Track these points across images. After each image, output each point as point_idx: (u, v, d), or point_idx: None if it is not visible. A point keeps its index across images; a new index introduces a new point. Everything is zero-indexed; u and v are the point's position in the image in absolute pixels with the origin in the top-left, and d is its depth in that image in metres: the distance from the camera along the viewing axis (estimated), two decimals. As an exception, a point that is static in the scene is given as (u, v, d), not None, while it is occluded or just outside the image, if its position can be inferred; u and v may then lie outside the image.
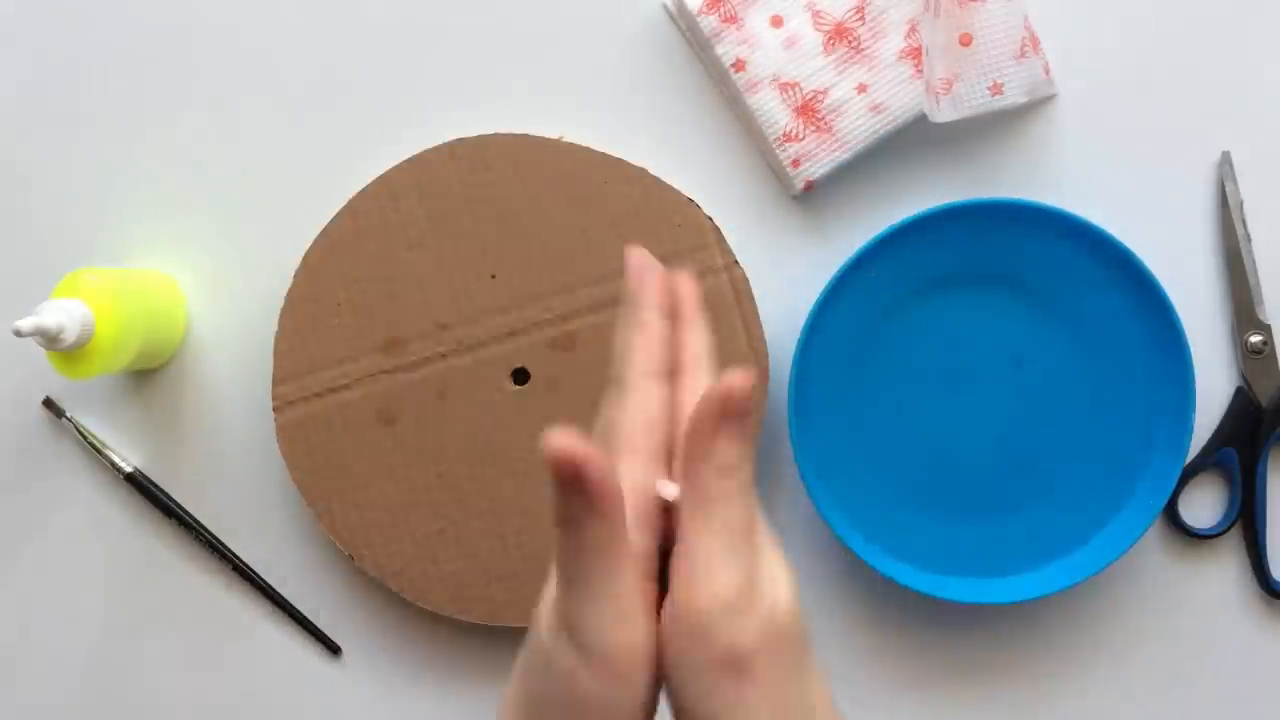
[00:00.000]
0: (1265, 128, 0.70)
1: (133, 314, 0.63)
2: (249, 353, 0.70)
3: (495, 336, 0.67)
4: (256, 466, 0.70)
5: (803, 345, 0.65)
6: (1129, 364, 0.67)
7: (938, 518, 0.68)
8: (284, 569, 0.71)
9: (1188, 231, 0.70)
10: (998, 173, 0.70)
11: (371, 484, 0.67)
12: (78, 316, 0.59)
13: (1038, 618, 0.70)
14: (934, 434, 0.68)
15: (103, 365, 0.61)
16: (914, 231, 0.65)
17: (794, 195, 0.70)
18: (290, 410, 0.67)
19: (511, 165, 0.67)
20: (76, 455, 0.71)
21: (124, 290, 0.63)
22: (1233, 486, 0.70)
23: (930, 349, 0.68)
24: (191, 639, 0.71)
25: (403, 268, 0.67)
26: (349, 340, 0.67)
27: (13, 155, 0.71)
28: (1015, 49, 0.66)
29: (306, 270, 0.67)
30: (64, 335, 0.58)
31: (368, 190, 0.68)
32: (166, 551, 0.71)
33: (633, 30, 0.70)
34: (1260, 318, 0.69)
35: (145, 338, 0.65)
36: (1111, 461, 0.67)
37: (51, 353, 0.60)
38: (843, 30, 0.68)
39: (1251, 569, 0.70)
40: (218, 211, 0.71)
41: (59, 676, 0.71)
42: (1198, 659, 0.70)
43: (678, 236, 0.67)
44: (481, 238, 0.67)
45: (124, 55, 0.71)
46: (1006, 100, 0.67)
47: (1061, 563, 0.67)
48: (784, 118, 0.68)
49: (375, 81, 0.70)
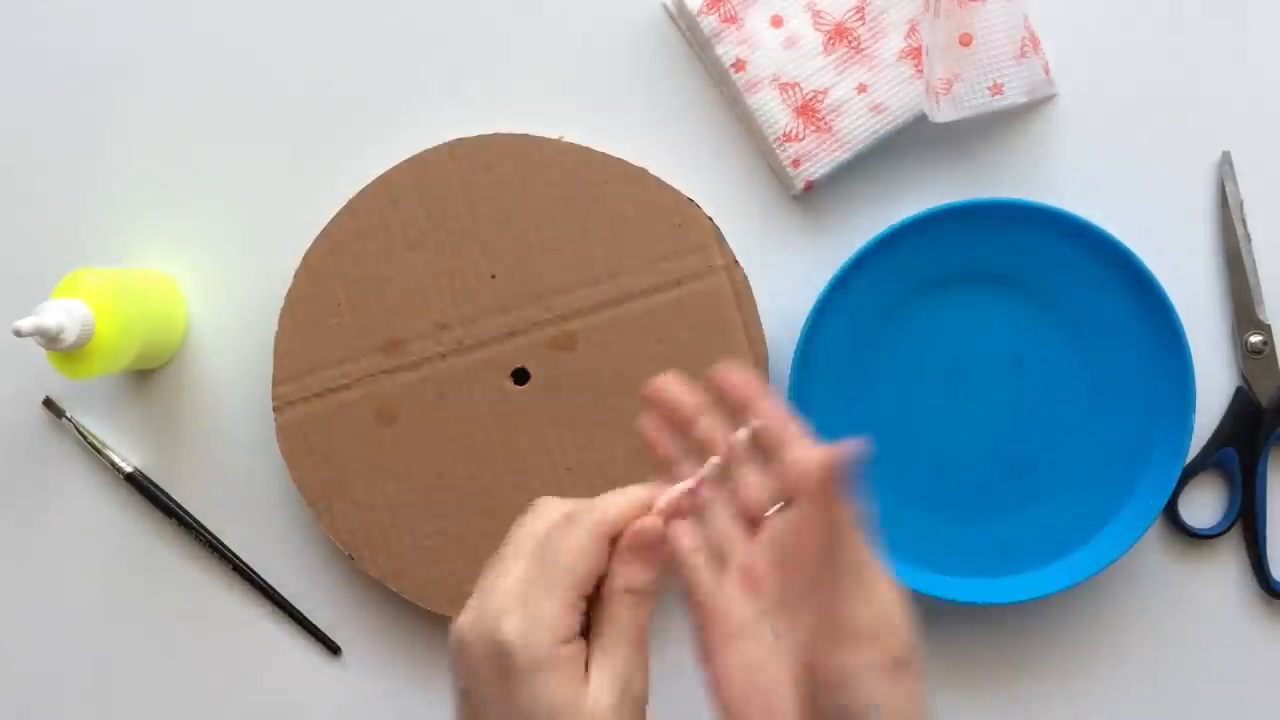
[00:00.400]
0: (1265, 128, 0.70)
1: (133, 314, 0.63)
2: (249, 353, 0.70)
3: (495, 336, 0.67)
4: (256, 466, 0.70)
5: (803, 345, 0.65)
6: (1129, 364, 0.67)
7: (938, 518, 0.68)
8: (284, 569, 0.71)
9: (1188, 231, 0.70)
10: (998, 173, 0.70)
11: (371, 484, 0.67)
12: (78, 316, 0.59)
13: (1038, 618, 0.70)
14: (934, 434, 0.68)
15: (103, 365, 0.61)
16: (914, 231, 0.65)
17: (794, 195, 0.70)
18: (290, 410, 0.67)
19: (511, 165, 0.67)
20: (76, 455, 0.71)
21: (124, 290, 0.63)
22: (1233, 486, 0.70)
23: (930, 349, 0.68)
24: (192, 639, 0.71)
25: (403, 268, 0.67)
26: (349, 340, 0.67)
27: (12, 155, 0.71)
28: (1015, 49, 0.66)
29: (307, 270, 0.67)
30: (64, 335, 0.58)
31: (368, 190, 0.68)
32: (166, 551, 0.71)
33: (633, 30, 0.70)
34: (1260, 318, 0.69)
35: (145, 338, 0.65)
36: (1111, 461, 0.67)
37: (51, 353, 0.60)
38: (843, 30, 0.68)
39: (1251, 569, 0.70)
40: (218, 211, 0.71)
41: (59, 676, 0.71)
42: (1198, 659, 0.70)
43: (678, 236, 0.67)
44: (481, 238, 0.67)
45: (124, 54, 0.71)
46: (1006, 100, 0.67)
47: (1061, 563, 0.67)
48: (784, 118, 0.68)
49: (375, 81, 0.70)
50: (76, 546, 0.71)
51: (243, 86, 0.71)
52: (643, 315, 0.67)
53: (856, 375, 0.67)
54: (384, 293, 0.67)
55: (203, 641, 0.71)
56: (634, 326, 0.67)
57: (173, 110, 0.71)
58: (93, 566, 0.71)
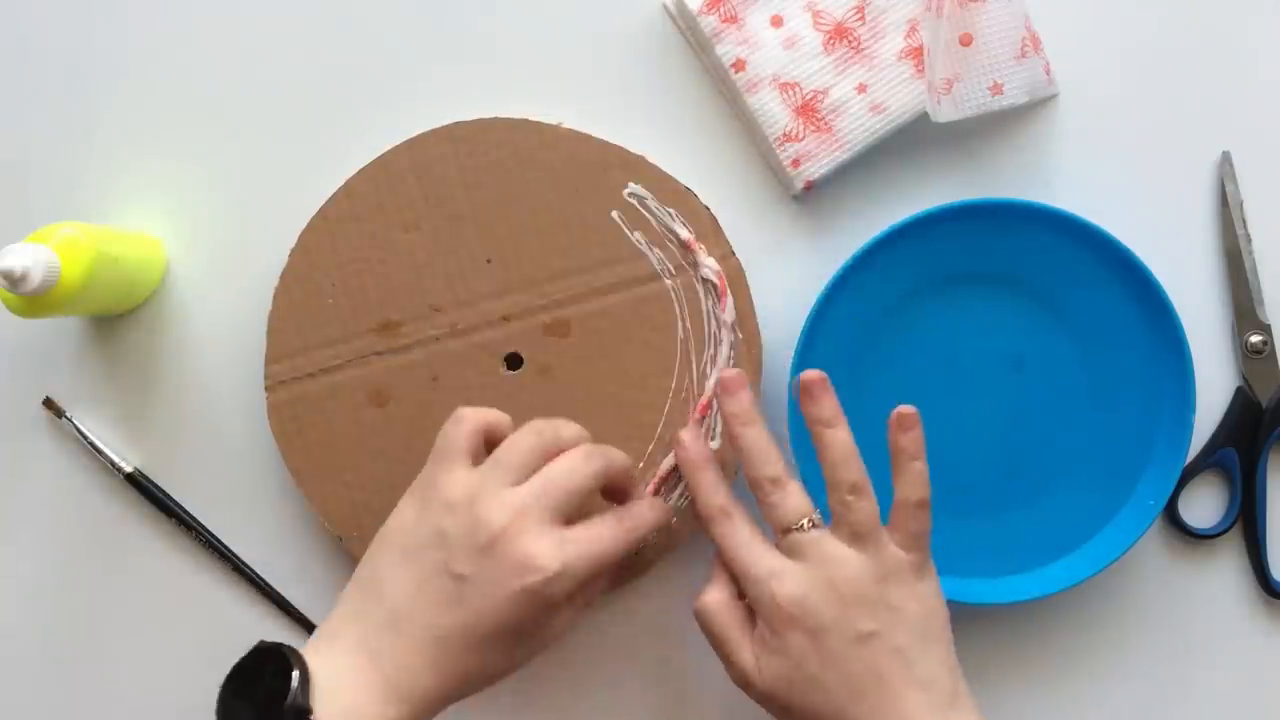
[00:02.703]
0: (1265, 128, 0.70)
1: (102, 264, 0.62)
2: (244, 332, 0.70)
3: (489, 321, 0.67)
4: (253, 454, 0.70)
5: (803, 345, 0.65)
6: (1129, 364, 0.67)
7: (938, 518, 0.68)
8: (284, 566, 0.71)
9: (1188, 231, 0.70)
10: (998, 173, 0.70)
11: (362, 465, 0.67)
12: (43, 261, 0.58)
13: (1038, 618, 0.70)
14: (934, 434, 0.68)
15: (64, 311, 0.62)
16: (914, 231, 0.65)
17: (794, 195, 0.70)
18: (282, 389, 0.67)
19: (510, 150, 0.67)
20: (76, 455, 0.71)
21: (97, 241, 0.62)
22: (1233, 486, 0.70)
23: (930, 349, 0.68)
24: (192, 639, 0.71)
25: (398, 250, 0.67)
26: (343, 321, 0.67)
27: (12, 122, 0.71)
28: (1016, 49, 0.66)
29: (302, 250, 0.67)
30: (29, 279, 0.58)
31: (365, 171, 0.68)
32: (166, 551, 0.71)
33: (633, 30, 0.70)
34: (1260, 318, 0.69)
35: (116, 289, 0.66)
36: (1111, 461, 0.67)
37: (9, 294, 0.60)
38: (843, 30, 0.68)
39: (1251, 569, 0.70)
40: (216, 190, 0.71)
41: (58, 676, 0.71)
42: (1198, 659, 0.70)
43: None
44: (478, 222, 0.67)
45: (122, 36, 0.71)
46: (1006, 100, 0.67)
47: (1061, 563, 0.67)
48: (784, 118, 0.68)
49: (375, 63, 0.70)
50: (76, 546, 0.71)
51: (243, 66, 0.71)
52: (637, 303, 0.67)
53: (856, 375, 0.67)
54: (379, 275, 0.67)
55: (202, 641, 0.71)
56: (629, 314, 0.67)
57: (171, 92, 0.71)
58: (92, 566, 0.71)
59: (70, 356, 0.71)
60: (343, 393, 0.67)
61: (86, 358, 0.71)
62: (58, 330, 0.71)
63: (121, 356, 0.71)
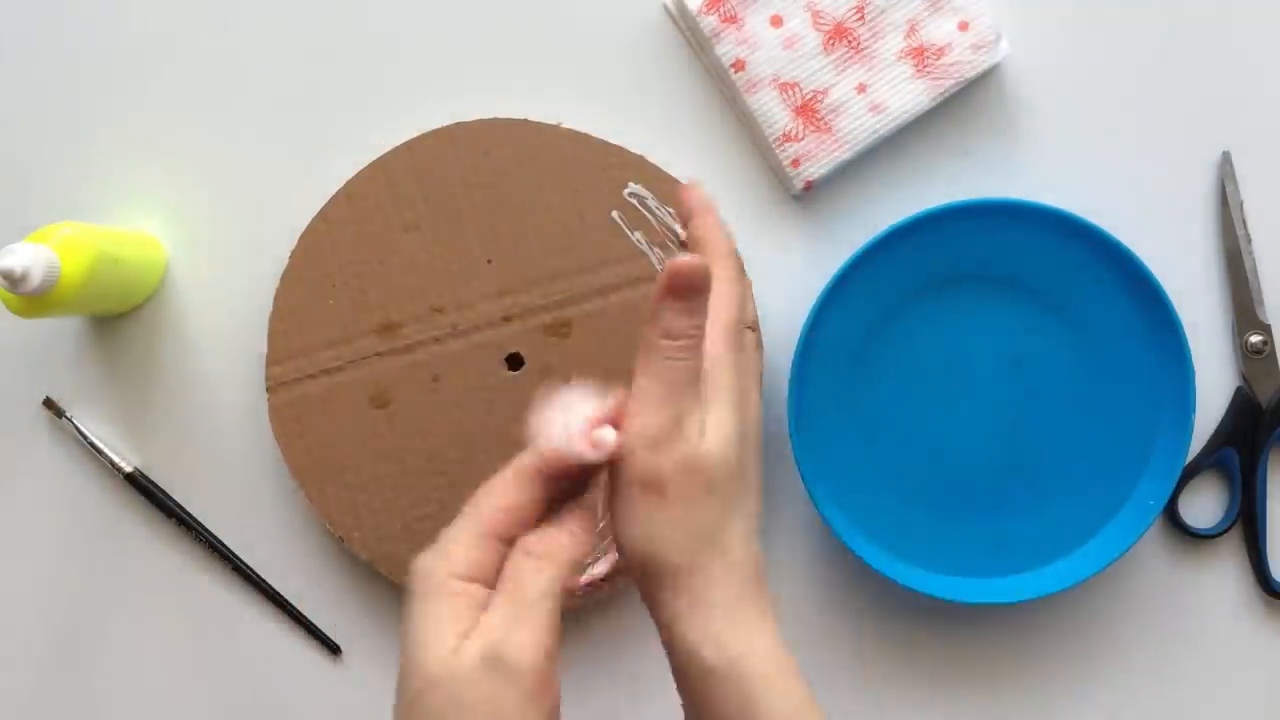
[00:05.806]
0: (1265, 128, 0.70)
1: (103, 264, 0.62)
2: (245, 334, 0.70)
3: (490, 322, 0.67)
4: (254, 455, 0.70)
5: (803, 345, 0.65)
6: (1129, 364, 0.67)
7: (938, 518, 0.68)
8: (285, 567, 0.71)
9: (1188, 231, 0.70)
10: (998, 173, 0.70)
11: (363, 466, 0.67)
12: (43, 261, 0.59)
13: (1038, 618, 0.70)
14: (934, 434, 0.68)
15: (63, 312, 0.62)
16: (914, 231, 0.65)
17: (794, 195, 0.70)
18: (284, 391, 0.67)
19: (510, 150, 0.67)
20: (76, 455, 0.71)
21: (98, 241, 0.62)
22: (1233, 486, 0.70)
23: (930, 349, 0.68)
24: (191, 639, 0.71)
25: (399, 251, 0.67)
26: (343, 322, 0.67)
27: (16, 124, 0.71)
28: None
29: (303, 251, 0.67)
30: (29, 279, 0.58)
31: (365, 173, 0.68)
32: (166, 551, 0.71)
33: (633, 30, 0.70)
34: (1260, 318, 0.69)
35: (119, 289, 0.66)
36: (1111, 461, 0.67)
37: (9, 295, 0.60)
38: (842, 30, 0.68)
39: (1251, 569, 0.70)
40: (216, 190, 0.71)
41: (58, 676, 0.71)
42: (1198, 659, 0.70)
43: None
44: (478, 222, 0.67)
45: (123, 36, 0.70)
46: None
47: (1061, 563, 0.67)
48: (784, 118, 0.68)
49: (375, 64, 0.70)
50: (76, 546, 0.71)
51: (242, 67, 0.71)
52: (638, 303, 0.67)
53: (856, 375, 0.67)
54: (379, 275, 0.67)
55: (203, 642, 0.71)
56: (630, 314, 0.67)
57: (172, 93, 0.71)
58: (93, 566, 0.71)
59: (70, 356, 0.71)
60: (344, 394, 0.67)
61: (86, 358, 0.71)
62: (58, 330, 0.71)
63: (121, 356, 0.71)
